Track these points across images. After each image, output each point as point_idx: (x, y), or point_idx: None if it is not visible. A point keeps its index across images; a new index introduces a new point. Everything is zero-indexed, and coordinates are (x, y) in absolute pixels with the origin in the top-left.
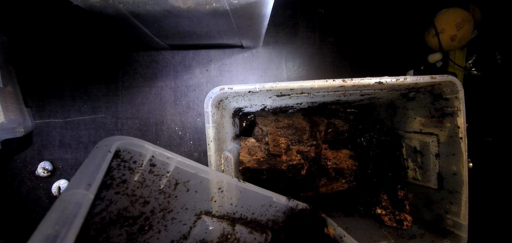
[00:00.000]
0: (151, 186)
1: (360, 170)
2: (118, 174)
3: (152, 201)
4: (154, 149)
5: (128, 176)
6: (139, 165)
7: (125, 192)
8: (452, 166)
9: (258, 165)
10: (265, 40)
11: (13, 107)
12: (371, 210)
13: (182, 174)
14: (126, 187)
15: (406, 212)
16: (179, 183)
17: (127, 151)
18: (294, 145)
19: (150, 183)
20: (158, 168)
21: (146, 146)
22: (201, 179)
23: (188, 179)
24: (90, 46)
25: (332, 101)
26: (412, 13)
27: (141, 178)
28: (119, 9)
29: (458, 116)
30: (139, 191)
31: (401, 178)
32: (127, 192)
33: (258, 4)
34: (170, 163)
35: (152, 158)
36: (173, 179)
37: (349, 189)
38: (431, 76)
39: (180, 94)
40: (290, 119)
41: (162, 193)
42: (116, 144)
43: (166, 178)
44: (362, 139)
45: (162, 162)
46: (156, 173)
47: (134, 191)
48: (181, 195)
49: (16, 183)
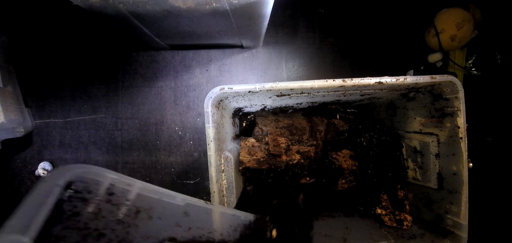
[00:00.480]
0: (107, 216)
1: (360, 170)
2: (69, 206)
3: (108, 233)
4: (114, 175)
5: (81, 207)
6: (95, 194)
7: (76, 226)
8: (452, 166)
9: (258, 165)
10: (265, 40)
11: (13, 107)
12: (371, 210)
13: (145, 200)
14: (78, 220)
15: (406, 212)
16: (140, 211)
17: (81, 180)
18: (294, 145)
19: (106, 213)
20: (116, 197)
21: (104, 173)
22: (165, 204)
23: (151, 206)
24: (90, 46)
25: (332, 101)
26: (412, 13)
27: (96, 208)
28: (119, 9)
29: (458, 116)
30: (94, 223)
31: (401, 178)
32: (79, 226)
33: (258, 4)
34: (131, 189)
35: (110, 186)
36: (134, 207)
37: (349, 189)
38: (431, 76)
39: (180, 94)
40: (290, 120)
41: (120, 223)
42: (68, 174)
43: (125, 206)
44: (362, 139)
45: (122, 189)
46: (115, 202)
47: (87, 224)
48: (142, 223)
49: (16, 183)
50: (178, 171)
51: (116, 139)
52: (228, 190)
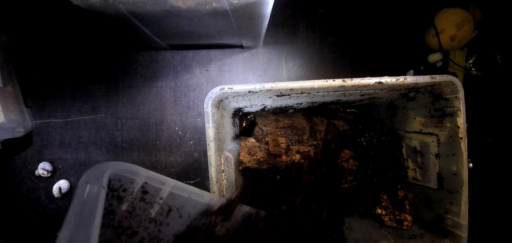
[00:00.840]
0: (141, 215)
1: (360, 170)
2: (105, 204)
3: (141, 231)
4: (148, 174)
5: (116, 206)
6: (130, 193)
7: (111, 223)
8: (452, 166)
9: (258, 165)
10: (265, 40)
11: (13, 107)
12: (371, 210)
13: (176, 199)
14: (113, 218)
15: (406, 212)
16: (172, 209)
17: (117, 178)
18: (294, 145)
19: (140, 212)
20: (150, 195)
21: (140, 171)
22: (195, 203)
23: (182, 205)
24: (90, 46)
25: (332, 101)
26: (412, 13)
27: (131, 207)
28: (119, 9)
29: (458, 116)
30: (127, 222)
31: (401, 178)
32: (113, 224)
33: (258, 4)
34: (164, 188)
35: (144, 184)
36: (166, 205)
37: (349, 189)
38: (431, 76)
39: (180, 94)
40: (290, 120)
41: (152, 222)
42: (107, 173)
43: (158, 205)
44: (362, 139)
45: (155, 188)
46: (148, 201)
47: (121, 222)
48: (173, 221)
49: (16, 183)
50: (178, 171)
51: (116, 139)
52: (228, 190)
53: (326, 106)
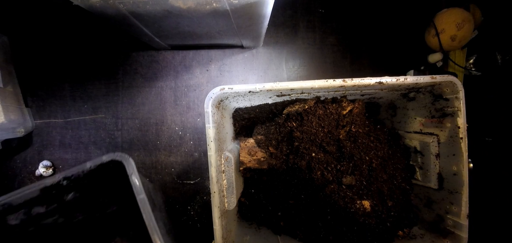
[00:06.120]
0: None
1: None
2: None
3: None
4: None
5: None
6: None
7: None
8: (453, 166)
9: (258, 165)
10: (265, 40)
11: (13, 107)
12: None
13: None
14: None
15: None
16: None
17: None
18: None
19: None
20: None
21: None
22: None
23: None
24: (90, 46)
25: None
26: (412, 13)
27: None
28: (119, 9)
29: (458, 116)
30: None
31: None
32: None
33: (258, 4)
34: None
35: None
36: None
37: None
38: (432, 76)
39: (180, 94)
40: None
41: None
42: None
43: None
44: None
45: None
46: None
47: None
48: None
49: (16, 183)
50: (178, 171)
51: (116, 139)
52: (228, 190)
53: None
